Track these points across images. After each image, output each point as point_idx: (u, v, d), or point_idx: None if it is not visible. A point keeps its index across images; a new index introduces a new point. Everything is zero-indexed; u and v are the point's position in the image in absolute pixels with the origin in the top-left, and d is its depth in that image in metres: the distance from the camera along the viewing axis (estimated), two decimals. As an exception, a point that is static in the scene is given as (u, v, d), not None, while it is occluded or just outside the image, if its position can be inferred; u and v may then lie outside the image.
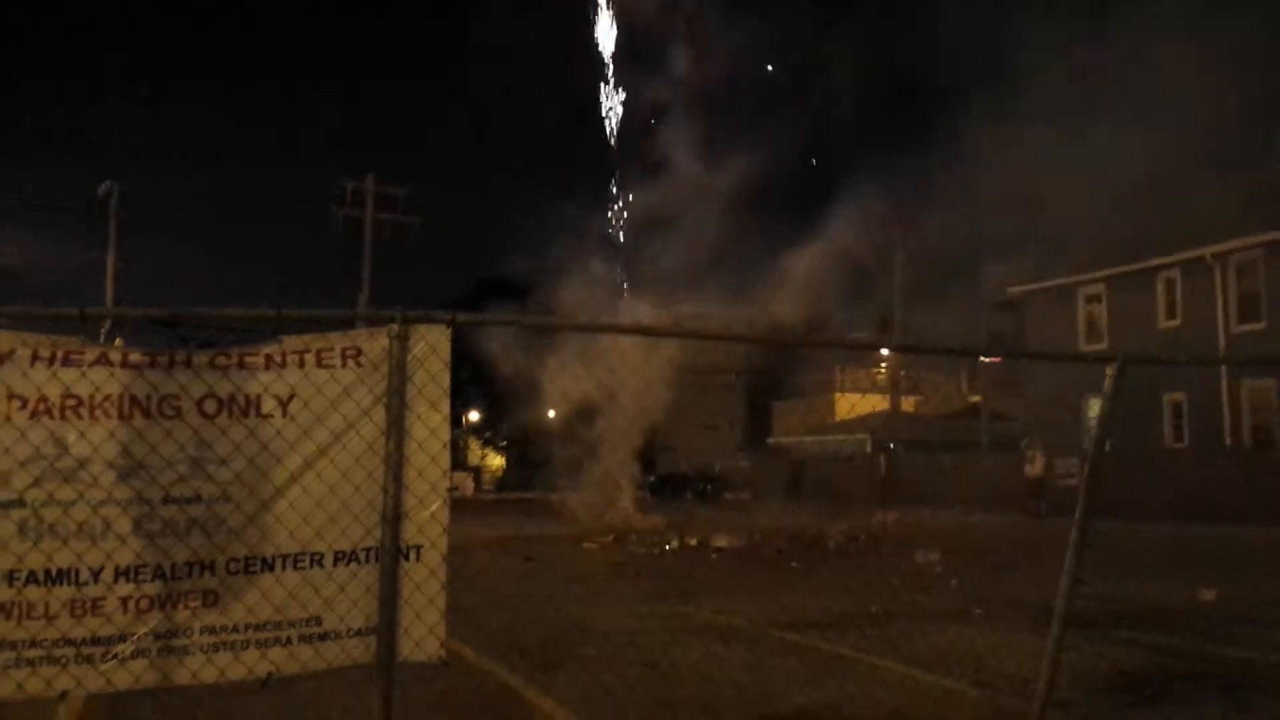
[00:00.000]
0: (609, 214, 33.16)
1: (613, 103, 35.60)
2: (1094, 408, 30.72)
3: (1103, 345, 31.96)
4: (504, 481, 59.28)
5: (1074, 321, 33.67)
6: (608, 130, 33.86)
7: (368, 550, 4.06)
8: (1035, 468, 27.91)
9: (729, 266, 31.47)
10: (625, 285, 31.80)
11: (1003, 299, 38.50)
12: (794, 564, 15.07)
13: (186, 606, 3.88)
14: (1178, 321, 30.34)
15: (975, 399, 45.76)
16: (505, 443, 60.57)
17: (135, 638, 3.81)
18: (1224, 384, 28.51)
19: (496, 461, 64.17)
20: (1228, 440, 28.43)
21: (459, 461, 59.34)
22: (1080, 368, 29.04)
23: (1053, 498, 26.65)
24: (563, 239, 32.07)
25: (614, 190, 32.84)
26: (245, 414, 4.00)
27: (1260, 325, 28.03)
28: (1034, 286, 35.82)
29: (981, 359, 41.48)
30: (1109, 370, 5.09)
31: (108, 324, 6.12)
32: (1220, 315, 29.05)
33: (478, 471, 59.19)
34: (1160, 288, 30.97)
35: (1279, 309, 27.62)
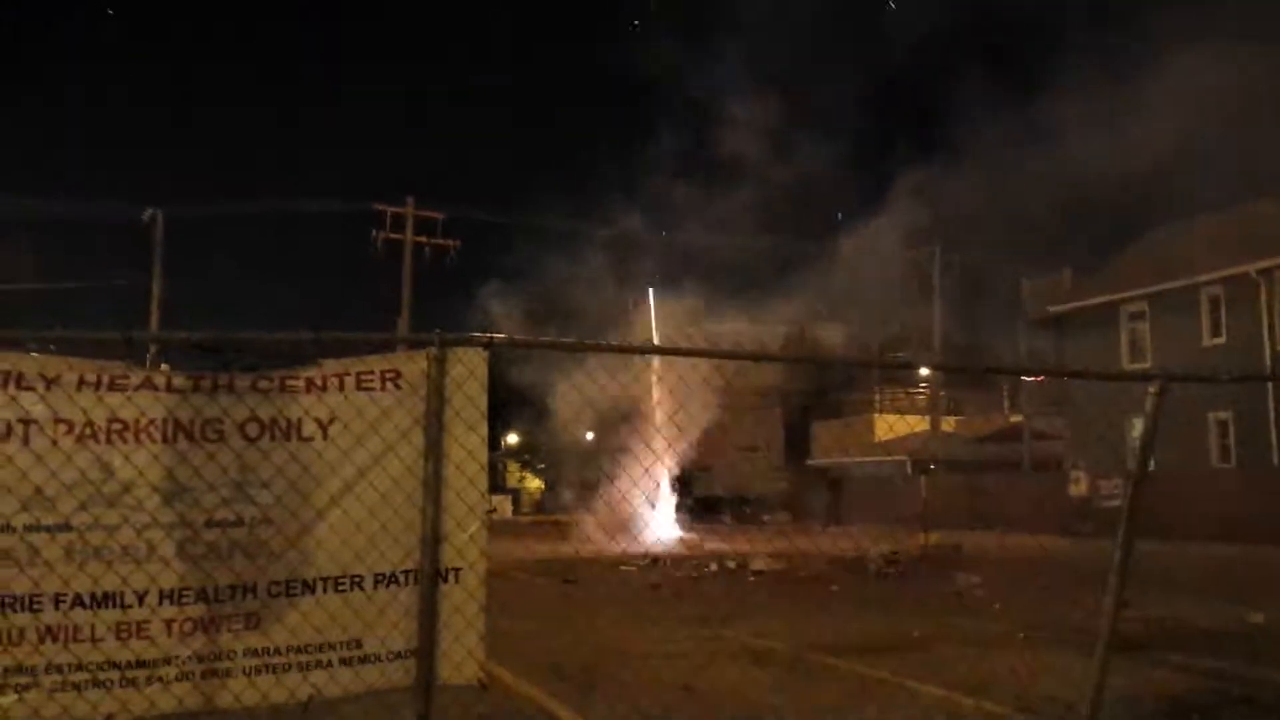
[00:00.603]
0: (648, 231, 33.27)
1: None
2: (1138, 427, 30.26)
3: (1146, 364, 31.56)
4: (542, 504, 59.34)
5: (1117, 339, 33.26)
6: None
7: (407, 573, 4.09)
8: (1079, 488, 27.57)
9: (767, 284, 31.50)
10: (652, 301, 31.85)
11: (1043, 316, 38.13)
12: (833, 587, 14.96)
13: (229, 629, 3.93)
14: (1223, 339, 29.91)
15: (1017, 419, 45.28)
16: (544, 465, 60.66)
17: (179, 660, 3.86)
18: (1270, 402, 28.03)
19: (535, 484, 64.25)
20: (1275, 459, 27.94)
21: (497, 484, 59.50)
22: (1123, 386, 28.79)
23: (1097, 518, 26.27)
24: (599, 255, 32.25)
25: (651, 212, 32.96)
26: (287, 437, 4.06)
27: (1307, 342, 27.59)
28: (1075, 304, 35.46)
29: (1023, 378, 41.06)
30: (1151, 389, 5.03)
31: (153, 348, 6.23)
32: (1265, 332, 28.61)
33: (516, 494, 59.31)
34: (1204, 305, 30.55)
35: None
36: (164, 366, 4.69)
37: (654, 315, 32.60)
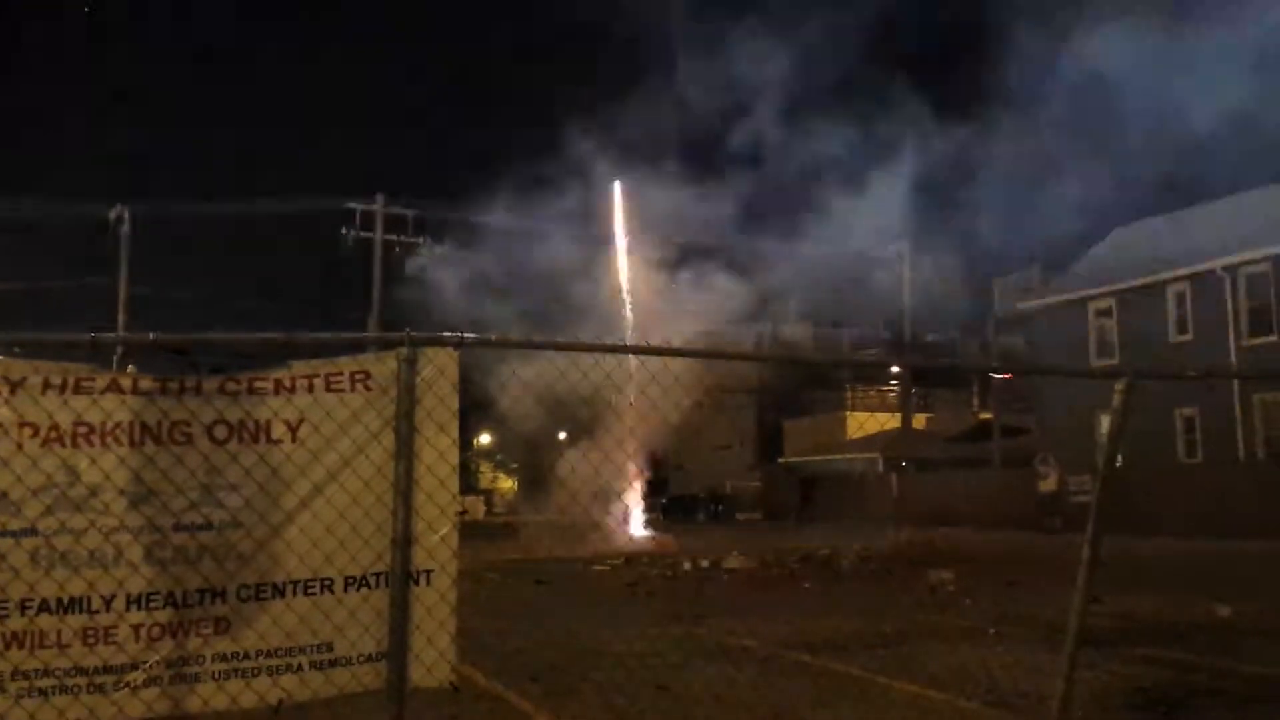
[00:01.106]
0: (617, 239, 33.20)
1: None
2: (1106, 424, 30.56)
3: (1114, 360, 31.87)
4: (515, 504, 59.22)
5: (1085, 336, 33.57)
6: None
7: (378, 575, 4.07)
8: (1049, 484, 27.81)
9: (739, 281, 31.57)
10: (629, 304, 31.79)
11: (1012, 314, 38.46)
12: (806, 585, 15.02)
13: (198, 634, 3.89)
14: (1189, 335, 30.25)
15: (986, 416, 45.63)
16: (516, 465, 60.55)
17: (147, 666, 3.82)
18: (1236, 398, 28.38)
19: (507, 484, 64.11)
20: (1241, 454, 28.29)
21: (470, 485, 59.29)
22: (1092, 383, 29.07)
23: (1067, 514, 26.53)
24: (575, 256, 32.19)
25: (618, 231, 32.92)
26: (255, 439, 4.02)
27: (1272, 338, 27.94)
28: (1043, 302, 35.79)
29: (993, 375, 41.37)
30: (1118, 386, 5.07)
31: (120, 349, 6.16)
32: (1231, 328, 28.96)
33: (489, 495, 59.14)
34: (1171, 302, 30.89)
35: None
36: (130, 368, 4.64)
37: (620, 210, 32.39)
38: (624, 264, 32.16)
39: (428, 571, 4.09)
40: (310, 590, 4.02)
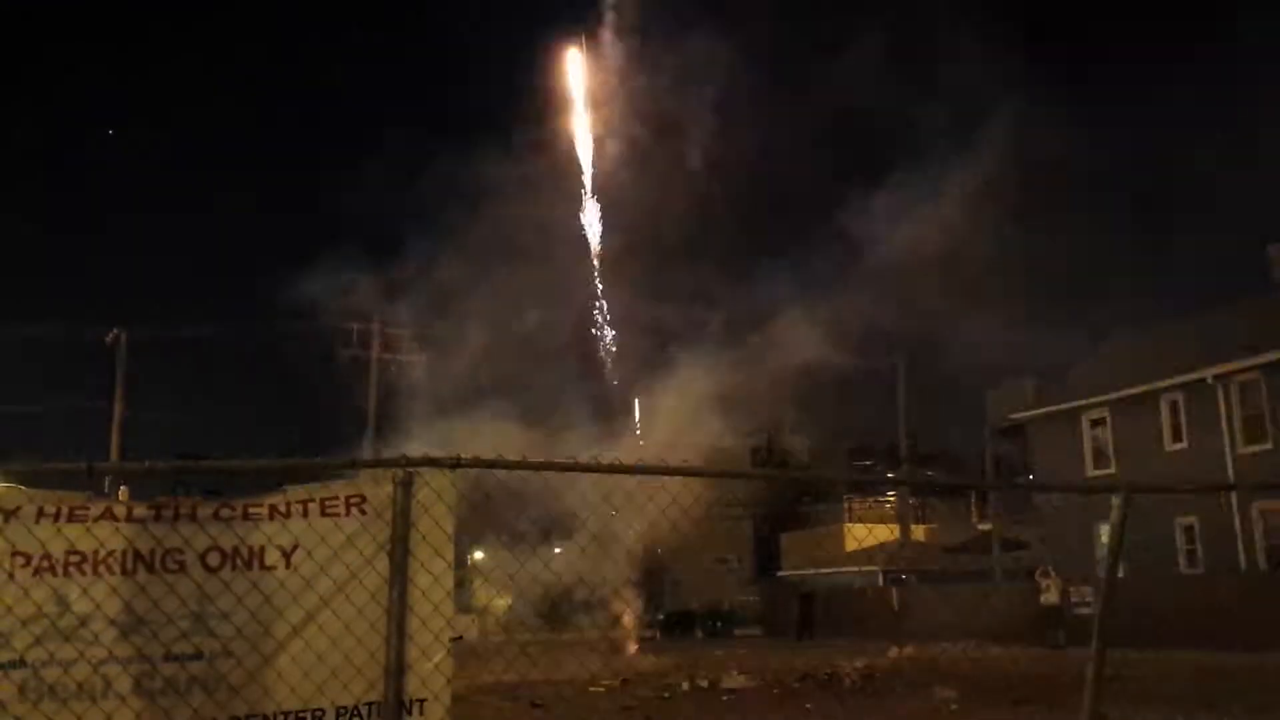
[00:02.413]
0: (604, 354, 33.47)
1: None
2: (1105, 535, 30.43)
3: (1110, 470, 31.81)
4: (509, 623, 58.20)
5: (1080, 446, 33.56)
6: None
7: (370, 705, 4.01)
8: (1050, 596, 27.47)
9: (732, 400, 31.63)
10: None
11: (1006, 424, 38.52)
12: (808, 705, 14.71)
13: (187, 768, 3.81)
14: (1184, 444, 30.25)
15: (986, 527, 45.32)
16: (511, 581, 59.69)
17: (135, 802, 3.73)
18: (1235, 507, 28.24)
19: (502, 603, 63.13)
20: (1242, 563, 28.04)
21: (464, 603, 58.34)
22: (1090, 494, 29.01)
23: (1070, 627, 26.14)
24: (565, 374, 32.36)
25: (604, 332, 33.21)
26: (249, 566, 4.00)
27: (1267, 445, 27.93)
28: (1038, 412, 35.86)
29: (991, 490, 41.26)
30: (1115, 501, 5.08)
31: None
32: (1226, 437, 28.98)
33: (482, 613, 58.15)
34: (1165, 410, 30.96)
35: (1285, 429, 27.57)
36: (123, 490, 4.63)
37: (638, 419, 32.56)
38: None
39: (421, 700, 4.02)
40: (301, 721, 3.95)
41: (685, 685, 17.74)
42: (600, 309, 33.40)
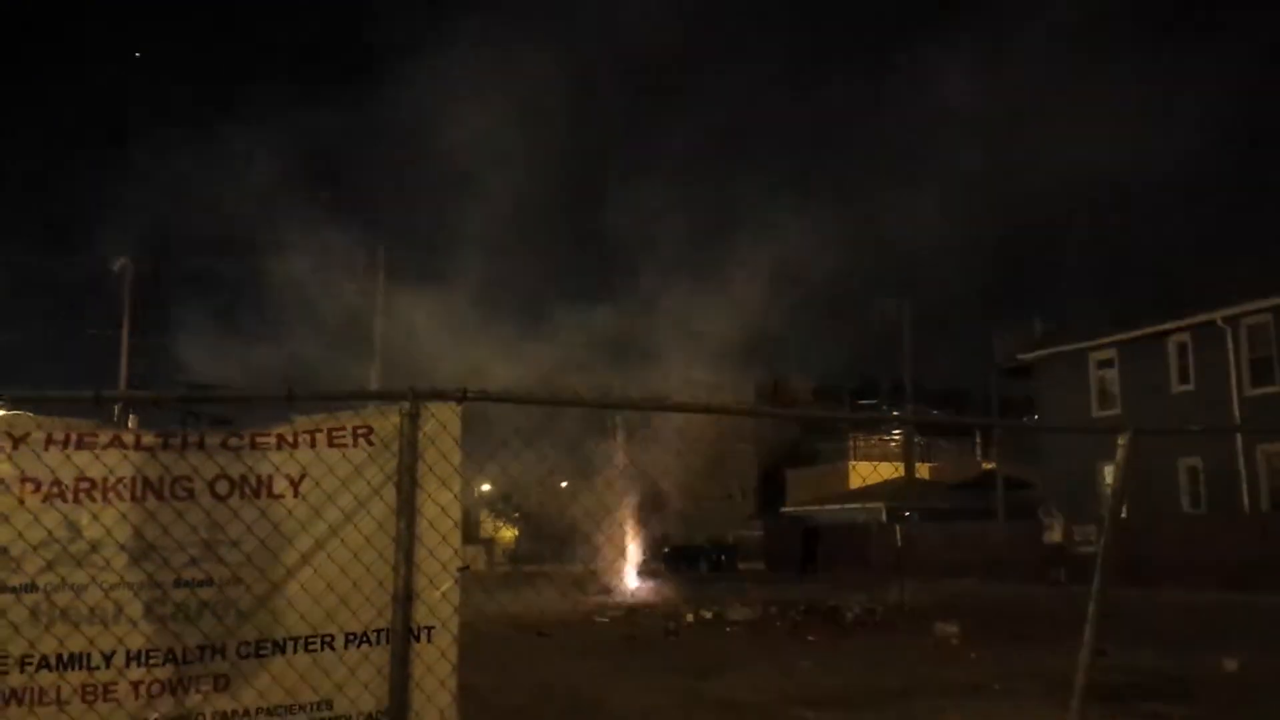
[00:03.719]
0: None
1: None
2: (1109, 474, 30.53)
3: (1116, 411, 31.83)
4: (516, 554, 58.88)
5: (1086, 387, 33.55)
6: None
7: (379, 632, 4.05)
8: (1053, 535, 27.64)
9: (743, 335, 31.61)
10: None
11: (1013, 364, 38.48)
12: (811, 637, 14.89)
13: (198, 691, 3.86)
14: (1191, 386, 30.22)
15: (990, 466, 45.51)
16: (518, 514, 60.27)
17: (146, 723, 3.79)
18: (1239, 449, 28.30)
19: (509, 534, 63.78)
20: (1245, 504, 28.15)
21: (470, 534, 58.93)
22: (1095, 434, 29.04)
23: (1072, 565, 26.36)
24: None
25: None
26: (257, 495, 4.02)
27: (1274, 388, 27.89)
28: (1045, 352, 35.78)
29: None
30: (1121, 441, 5.08)
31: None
32: (1233, 379, 28.94)
33: (490, 544, 58.79)
34: (1172, 352, 30.89)
35: (1292, 372, 27.51)
36: (132, 420, 4.64)
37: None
38: None
39: (429, 628, 4.07)
40: (310, 647, 4.00)
41: (689, 617, 17.96)
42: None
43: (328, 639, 4.02)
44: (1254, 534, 24.96)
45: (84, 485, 3.84)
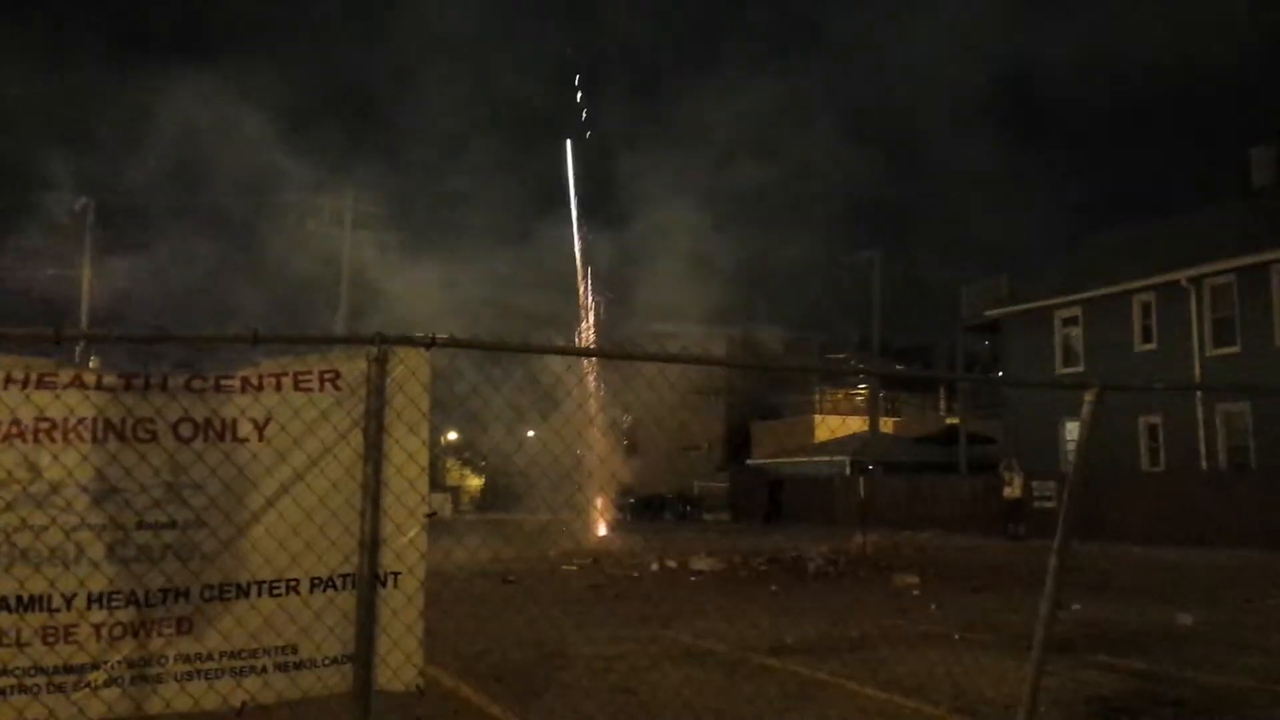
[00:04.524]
0: (578, 237, 33.05)
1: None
2: (1072, 431, 30.93)
3: (1080, 368, 32.18)
4: (483, 502, 59.04)
5: (1051, 344, 33.88)
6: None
7: (344, 577, 4.03)
8: (1014, 490, 28.01)
9: (707, 285, 31.61)
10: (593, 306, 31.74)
11: (979, 321, 38.76)
12: (773, 587, 15.05)
13: (160, 634, 3.83)
14: (1154, 345, 30.58)
15: (953, 421, 45.95)
16: (484, 462, 60.32)
17: (108, 666, 3.76)
18: (1199, 407, 28.73)
19: (475, 482, 63.88)
20: (1203, 463, 28.63)
21: (436, 482, 58.93)
22: (1057, 391, 29.35)
23: (1031, 519, 26.76)
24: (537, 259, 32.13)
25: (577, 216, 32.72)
26: (221, 438, 3.97)
27: (1235, 349, 28.29)
28: (1011, 309, 36.05)
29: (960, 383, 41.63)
30: (1087, 396, 5.11)
31: (82, 343, 6.07)
32: (1195, 339, 29.30)
33: (456, 492, 58.88)
34: (1136, 311, 31.21)
35: (1253, 333, 27.88)
36: (93, 362, 4.57)
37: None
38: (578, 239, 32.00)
39: (395, 574, 4.05)
40: (275, 591, 3.97)
41: (655, 565, 18.09)
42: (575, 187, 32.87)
43: (293, 583, 3.99)
44: (1212, 491, 25.43)
45: (44, 425, 3.77)
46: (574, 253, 32.19)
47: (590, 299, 31.74)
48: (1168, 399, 28.51)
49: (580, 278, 31.96)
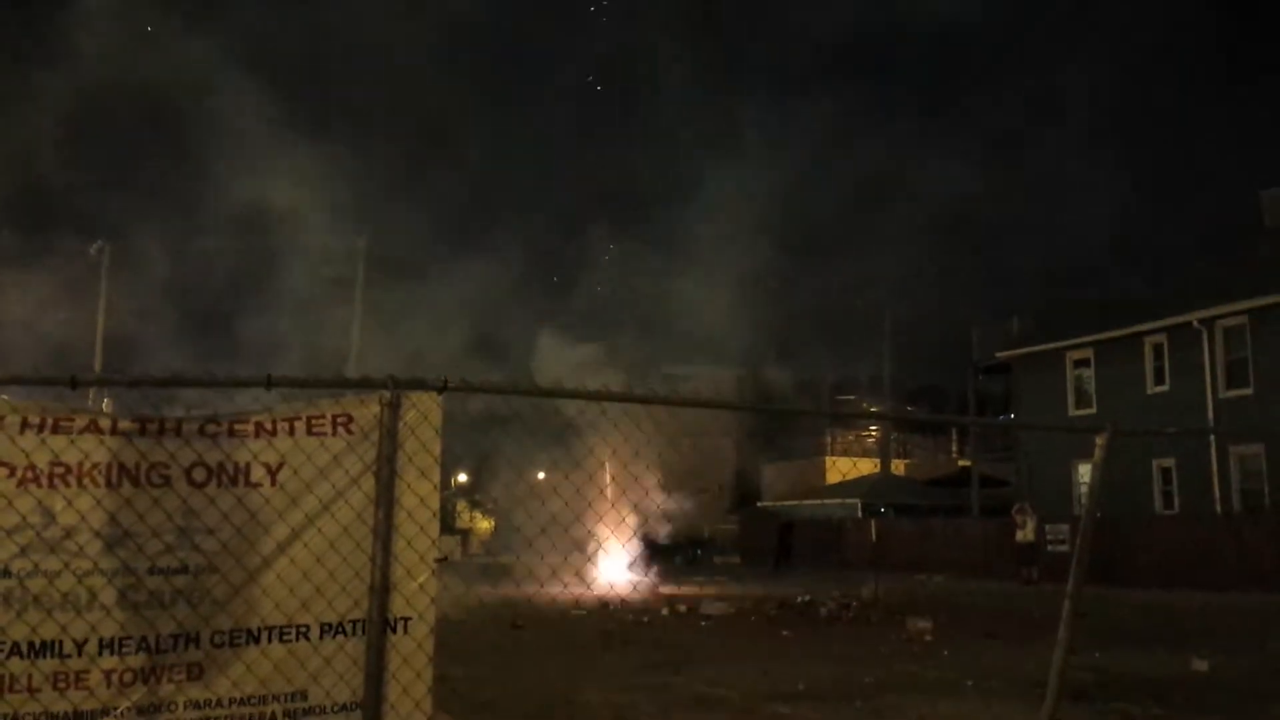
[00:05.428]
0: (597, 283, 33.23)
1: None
2: (1085, 473, 30.73)
3: (1091, 410, 32.02)
4: (492, 545, 58.77)
5: (1063, 386, 33.75)
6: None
7: (354, 623, 4.03)
8: (1026, 533, 27.80)
9: (719, 328, 31.64)
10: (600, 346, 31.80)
11: (991, 363, 38.67)
12: (785, 632, 14.93)
13: (170, 680, 3.83)
14: (1166, 387, 30.43)
15: (965, 463, 45.75)
16: (494, 505, 60.12)
17: (119, 712, 3.76)
18: (1213, 450, 28.54)
19: (485, 525, 63.66)
20: (1218, 505, 28.39)
21: (446, 524, 58.70)
22: (1070, 433, 29.23)
23: (1044, 563, 26.53)
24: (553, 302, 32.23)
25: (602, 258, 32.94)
26: (234, 482, 3.99)
27: (1248, 391, 28.14)
28: (1023, 351, 35.96)
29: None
30: (1099, 440, 5.10)
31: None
32: (1208, 381, 29.15)
33: (466, 535, 58.68)
34: (1148, 353, 31.11)
35: (1266, 374, 27.74)
36: (105, 404, 4.60)
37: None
38: None
39: (405, 619, 4.05)
40: (285, 637, 3.97)
41: (665, 611, 17.98)
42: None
43: (303, 629, 4.00)
44: (1225, 534, 25.19)
45: (59, 470, 3.80)
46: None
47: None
48: (1181, 442, 28.34)
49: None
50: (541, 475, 32.54)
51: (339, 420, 4.14)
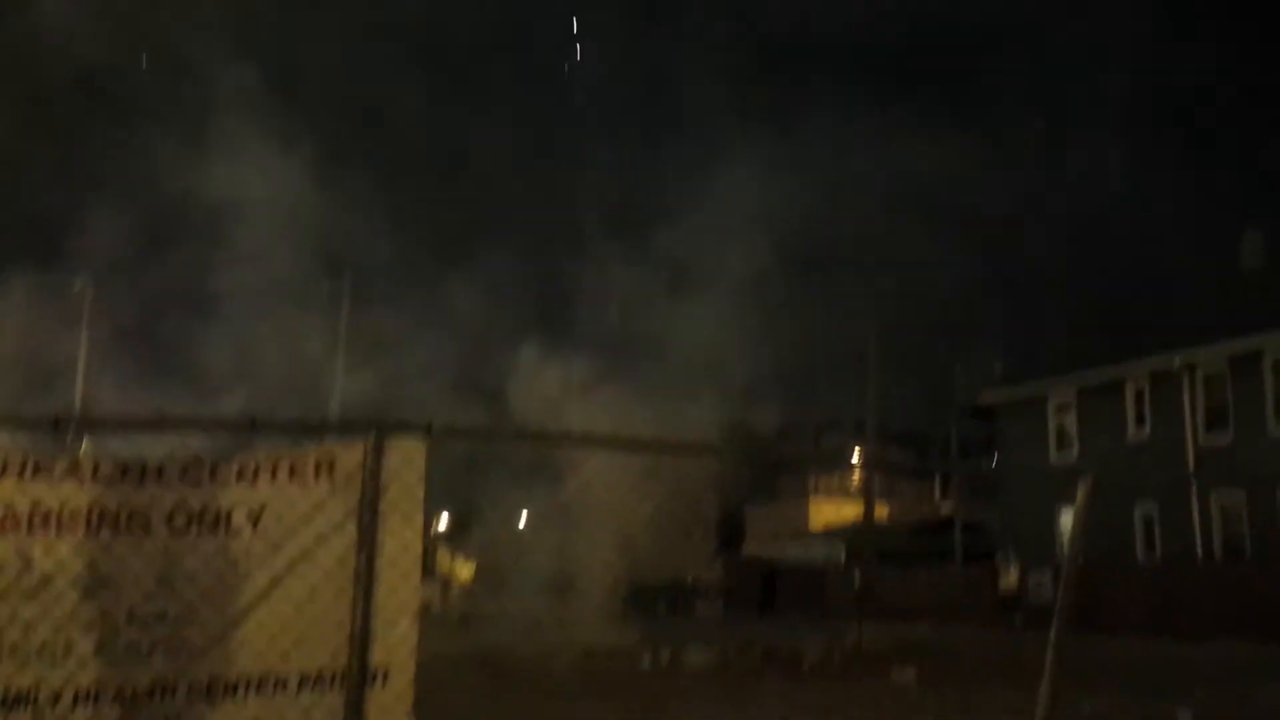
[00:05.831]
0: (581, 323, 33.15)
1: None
2: (1067, 518, 30.73)
3: (1073, 453, 32.10)
4: (474, 590, 58.20)
5: (1045, 430, 33.83)
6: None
7: (334, 675, 3.97)
8: (1010, 580, 27.77)
9: (701, 370, 31.55)
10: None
11: (973, 405, 38.80)
12: (768, 682, 14.81)
13: (146, 733, 3.76)
14: (1147, 431, 30.53)
15: (948, 509, 45.75)
16: (476, 550, 59.62)
17: (91, 766, 3.69)
18: (1194, 496, 28.60)
19: (466, 571, 63.08)
20: (1200, 553, 28.40)
21: (427, 569, 58.04)
22: (1052, 477, 29.29)
23: (1028, 610, 26.47)
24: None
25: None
26: (215, 529, 3.95)
27: (1228, 437, 28.26)
28: (1005, 395, 36.09)
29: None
30: (1082, 485, 5.10)
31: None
32: (1189, 425, 29.23)
33: (446, 582, 58.07)
34: (1129, 398, 31.22)
35: (1246, 420, 27.87)
36: (85, 444, 4.56)
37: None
38: None
39: (385, 671, 3.99)
40: (263, 689, 3.91)
41: (646, 660, 17.81)
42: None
43: (281, 681, 3.93)
44: (1208, 582, 25.20)
45: (38, 516, 3.75)
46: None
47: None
48: (1163, 488, 28.39)
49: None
50: (524, 516, 32.32)
51: (322, 464, 4.11)
